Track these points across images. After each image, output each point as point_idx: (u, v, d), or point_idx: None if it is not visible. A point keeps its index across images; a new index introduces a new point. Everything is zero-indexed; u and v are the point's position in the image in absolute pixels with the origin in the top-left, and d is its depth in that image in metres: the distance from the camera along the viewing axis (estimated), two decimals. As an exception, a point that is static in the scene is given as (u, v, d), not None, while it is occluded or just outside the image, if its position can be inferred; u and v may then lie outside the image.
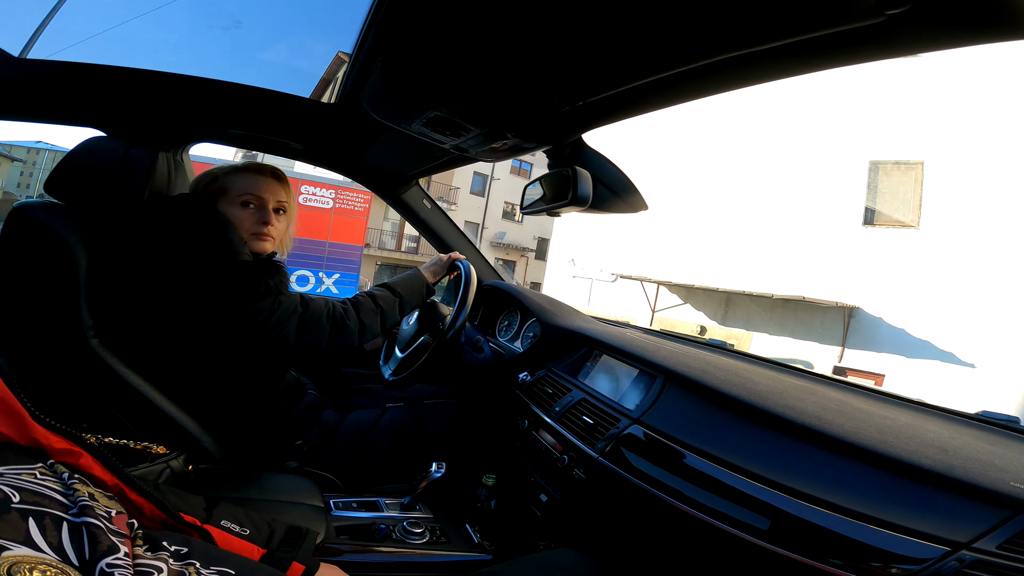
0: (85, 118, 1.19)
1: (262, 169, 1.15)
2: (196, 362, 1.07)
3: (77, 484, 0.45)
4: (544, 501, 1.09)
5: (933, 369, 6.78)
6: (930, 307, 6.79)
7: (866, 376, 7.14)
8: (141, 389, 1.00)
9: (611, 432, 0.98)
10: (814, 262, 7.78)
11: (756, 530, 0.70)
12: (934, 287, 6.77)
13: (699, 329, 8.91)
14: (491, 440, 1.38)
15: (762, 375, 1.09)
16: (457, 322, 1.24)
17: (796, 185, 8.19)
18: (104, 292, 1.00)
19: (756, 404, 0.85)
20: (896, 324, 7.12)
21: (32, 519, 0.38)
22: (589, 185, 0.89)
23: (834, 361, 7.59)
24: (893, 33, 0.47)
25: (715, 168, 9.24)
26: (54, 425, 0.48)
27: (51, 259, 0.96)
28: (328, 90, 1.16)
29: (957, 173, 6.69)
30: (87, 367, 0.97)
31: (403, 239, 19.12)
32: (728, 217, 8.85)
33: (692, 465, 0.82)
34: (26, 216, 0.98)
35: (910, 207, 7.12)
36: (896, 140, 7.18)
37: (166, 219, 1.04)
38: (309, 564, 0.63)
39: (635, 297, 10.08)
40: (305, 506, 1.05)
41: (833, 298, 7.46)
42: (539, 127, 0.93)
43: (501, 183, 20.92)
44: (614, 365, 1.20)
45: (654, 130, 9.56)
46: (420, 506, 1.15)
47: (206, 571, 0.45)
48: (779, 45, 0.53)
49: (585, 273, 11.19)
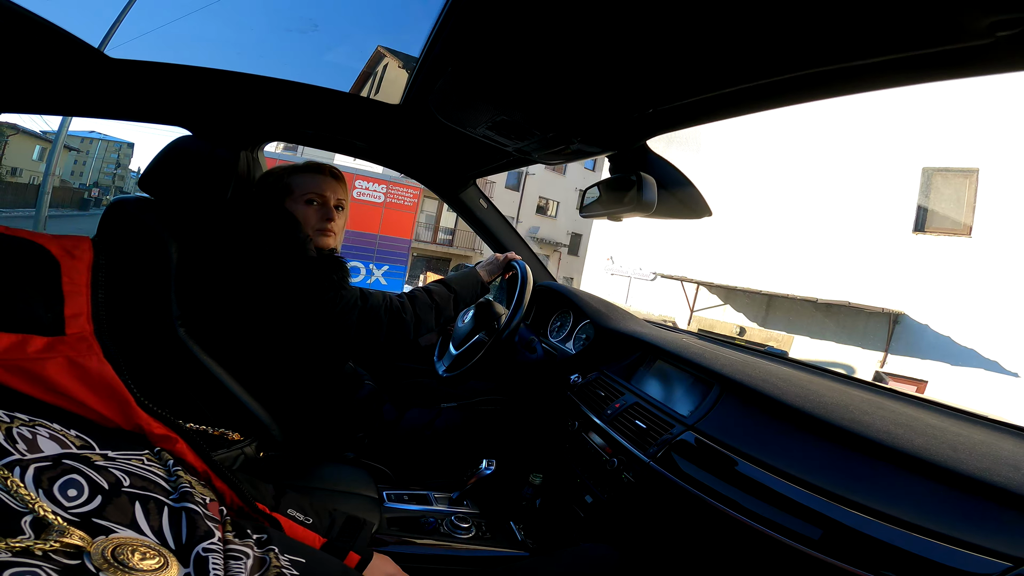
0: (174, 118, 1.27)
1: (322, 168, 1.20)
2: (267, 352, 1.13)
3: (179, 471, 0.47)
4: (589, 502, 1.09)
5: (977, 377, 6.74)
6: (977, 316, 6.73)
7: (908, 382, 7.03)
8: (221, 377, 1.06)
9: (664, 437, 0.98)
10: (861, 267, 7.69)
11: (807, 539, 0.69)
12: (983, 296, 6.70)
13: (738, 330, 8.80)
14: (540, 440, 1.39)
15: (826, 387, 1.05)
16: (513, 322, 1.26)
17: (846, 190, 8.05)
18: (190, 284, 1.07)
19: (819, 416, 0.83)
20: (942, 331, 7.07)
21: (138, 503, 0.40)
22: (654, 191, 0.89)
23: (876, 366, 7.48)
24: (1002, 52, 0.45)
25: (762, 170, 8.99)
26: (155, 411, 0.50)
27: (146, 251, 1.03)
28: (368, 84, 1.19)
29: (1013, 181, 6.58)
30: (174, 355, 1.03)
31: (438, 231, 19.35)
32: (773, 221, 8.73)
33: (745, 473, 0.81)
34: (123, 211, 1.07)
35: (962, 215, 7.05)
36: (951, 147, 7.08)
37: (243, 218, 1.11)
38: (364, 554, 0.66)
39: (673, 296, 10.03)
40: (361, 497, 1.08)
41: (878, 303, 7.42)
42: (606, 133, 0.94)
43: (536, 178, 20.87)
44: (668, 371, 1.19)
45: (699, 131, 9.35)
46: (467, 501, 1.17)
47: (283, 558, 0.46)
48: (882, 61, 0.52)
49: (623, 271, 11.10)
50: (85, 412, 0.45)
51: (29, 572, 0.30)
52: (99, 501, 0.37)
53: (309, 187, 1.17)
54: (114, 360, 0.46)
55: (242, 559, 0.42)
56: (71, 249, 0.46)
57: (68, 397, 0.43)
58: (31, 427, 0.39)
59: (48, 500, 0.35)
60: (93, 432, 0.43)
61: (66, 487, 0.37)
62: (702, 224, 9.14)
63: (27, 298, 0.42)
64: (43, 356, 0.42)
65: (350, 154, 1.61)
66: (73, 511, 0.36)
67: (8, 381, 0.41)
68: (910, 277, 7.30)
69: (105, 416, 0.46)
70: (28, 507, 0.33)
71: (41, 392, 0.42)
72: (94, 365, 0.45)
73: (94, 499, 0.37)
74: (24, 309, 0.42)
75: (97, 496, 0.38)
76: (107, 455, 0.42)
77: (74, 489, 0.37)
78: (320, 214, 1.17)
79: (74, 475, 0.38)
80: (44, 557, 0.31)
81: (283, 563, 0.46)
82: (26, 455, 0.36)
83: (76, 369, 0.43)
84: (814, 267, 8.10)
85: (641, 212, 0.93)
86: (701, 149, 9.54)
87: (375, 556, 0.68)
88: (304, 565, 0.47)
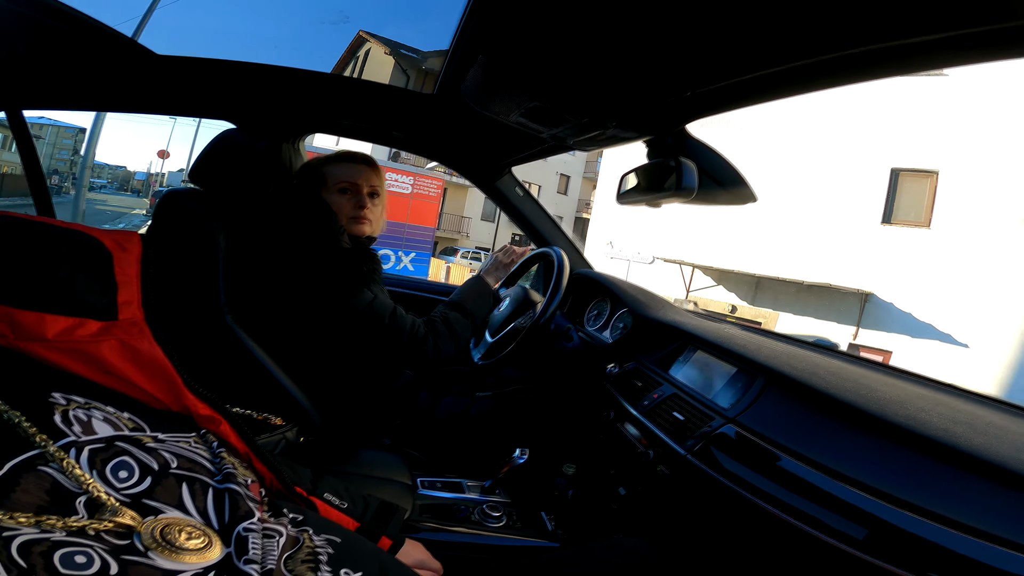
0: (219, 112, 1.32)
1: (355, 157, 1.22)
2: (307, 340, 1.16)
3: (223, 453, 0.48)
4: (622, 494, 1.08)
5: (933, 347, 8.36)
6: (934, 295, 8.37)
7: (876, 352, 8.62)
8: (265, 363, 1.09)
9: (703, 430, 0.95)
10: (837, 253, 9.14)
11: (850, 539, 0.66)
12: (939, 279, 8.32)
13: (731, 308, 10.01)
14: (574, 430, 1.38)
15: (879, 381, 1.00)
16: (549, 310, 1.25)
17: (826, 186, 9.35)
18: (237, 272, 1.11)
19: (874, 412, 0.79)
20: (904, 309, 8.66)
21: (185, 484, 0.41)
22: (695, 176, 0.85)
23: (849, 339, 9.02)
24: None
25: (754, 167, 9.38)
26: (202, 393, 0.51)
27: (196, 240, 1.08)
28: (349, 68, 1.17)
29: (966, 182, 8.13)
30: (222, 340, 1.07)
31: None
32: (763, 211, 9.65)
33: (787, 469, 0.78)
34: (175, 201, 1.12)
35: (923, 210, 8.62)
36: (916, 151, 8.58)
37: (283, 208, 1.14)
38: (396, 539, 0.67)
39: (669, 278, 11.09)
40: (395, 483, 1.10)
41: (851, 284, 8.89)
42: (643, 117, 0.90)
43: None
44: (709, 362, 1.15)
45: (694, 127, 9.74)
46: (500, 490, 1.17)
47: (317, 538, 0.47)
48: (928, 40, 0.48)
49: (623, 255, 11.86)
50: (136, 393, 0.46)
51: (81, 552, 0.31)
52: (149, 482, 0.39)
53: (342, 176, 1.19)
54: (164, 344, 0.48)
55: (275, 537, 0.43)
56: (123, 242, 0.48)
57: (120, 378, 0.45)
58: (86, 410, 0.40)
59: (101, 481, 0.36)
60: (145, 415, 0.45)
61: (118, 468, 0.38)
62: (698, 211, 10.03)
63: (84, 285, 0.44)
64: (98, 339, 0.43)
65: (388, 144, 1.62)
66: (125, 492, 0.37)
67: (64, 362, 0.42)
68: (878, 262, 8.83)
69: (155, 397, 0.48)
70: (83, 488, 0.34)
71: (95, 373, 0.44)
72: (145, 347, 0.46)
73: (144, 480, 0.39)
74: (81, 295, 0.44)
75: (147, 478, 0.39)
76: (157, 437, 0.43)
77: (125, 471, 0.38)
78: (354, 202, 1.19)
79: (125, 457, 0.39)
80: (96, 537, 0.33)
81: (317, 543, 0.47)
82: (81, 437, 0.38)
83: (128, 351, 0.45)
84: (797, 252, 9.53)
85: (681, 198, 0.89)
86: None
87: (406, 542, 0.69)
88: (339, 544, 0.48)
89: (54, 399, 0.39)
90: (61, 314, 0.42)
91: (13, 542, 0.29)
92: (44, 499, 0.33)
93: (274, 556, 0.41)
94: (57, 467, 0.35)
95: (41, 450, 0.35)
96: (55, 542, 0.31)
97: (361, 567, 0.46)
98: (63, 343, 0.42)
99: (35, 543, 0.30)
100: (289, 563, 0.42)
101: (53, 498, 0.33)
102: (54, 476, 0.34)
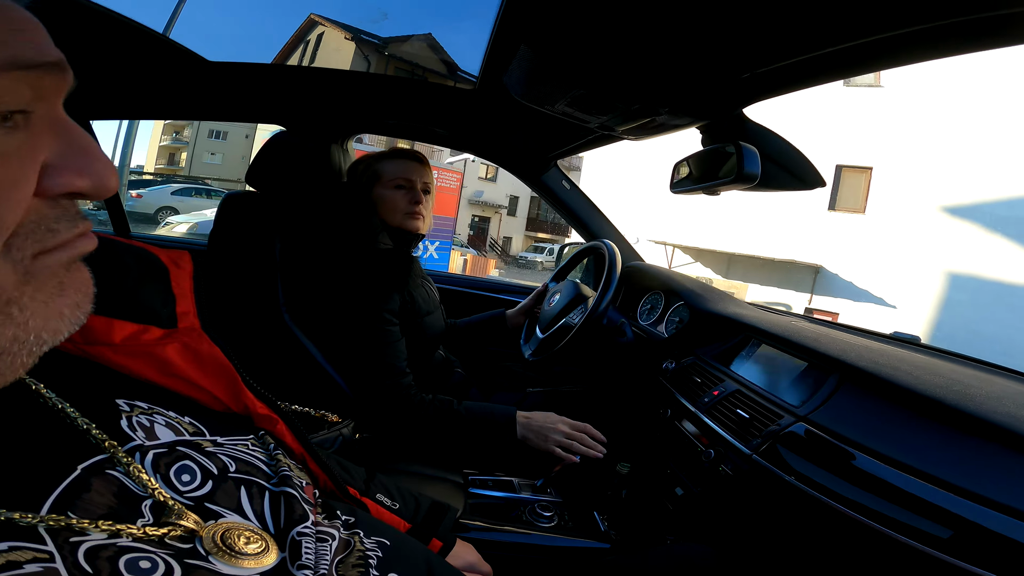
0: (269, 116, 1.36)
1: (407, 153, 1.23)
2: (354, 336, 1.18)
3: (280, 455, 0.49)
4: (679, 495, 1.03)
5: (869, 309, 10.67)
6: (869, 267, 10.73)
7: (825, 314, 10.25)
8: (322, 361, 1.12)
9: (770, 429, 0.89)
10: (794, 233, 11.44)
11: (935, 540, 0.61)
12: (872, 254, 10.65)
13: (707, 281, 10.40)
14: (628, 428, 1.34)
15: (970, 376, 0.91)
16: (601, 304, 1.21)
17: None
18: (293, 271, 1.14)
19: (969, 410, 0.71)
20: (847, 278, 11.02)
21: (243, 488, 0.41)
22: (757, 162, 0.80)
23: (805, 304, 11.22)
24: None
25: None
26: (260, 392, 0.52)
27: (255, 241, 1.12)
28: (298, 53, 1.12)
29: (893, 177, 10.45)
30: (280, 339, 1.11)
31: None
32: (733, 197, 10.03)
33: (864, 468, 0.72)
34: (236, 204, 1.16)
35: (860, 199, 10.95)
36: (855, 151, 10.81)
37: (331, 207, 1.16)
38: (447, 540, 0.66)
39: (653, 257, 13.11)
40: (447, 481, 1.09)
41: (806, 259, 11.21)
42: (697, 101, 0.85)
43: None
44: (774, 356, 1.08)
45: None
46: (551, 490, 1.14)
47: (368, 540, 0.47)
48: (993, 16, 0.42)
49: None
50: (198, 394, 0.48)
51: (146, 557, 0.31)
52: (210, 486, 0.39)
53: (397, 172, 1.21)
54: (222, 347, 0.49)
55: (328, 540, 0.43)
56: (176, 260, 0.50)
57: (184, 379, 0.46)
58: (149, 415, 0.41)
59: (165, 485, 0.37)
60: (204, 418, 0.46)
61: (180, 472, 0.39)
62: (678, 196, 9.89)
63: (148, 295, 0.46)
64: (162, 342, 0.45)
65: (432, 142, 1.63)
66: (188, 495, 0.38)
67: (131, 364, 0.44)
68: (826, 240, 11.15)
69: (217, 397, 0.49)
70: (148, 492, 0.35)
71: (159, 375, 0.45)
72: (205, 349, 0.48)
73: (205, 484, 0.39)
74: (146, 304, 0.45)
75: (208, 481, 0.39)
76: (216, 441, 0.44)
77: (187, 475, 0.39)
78: (409, 198, 1.21)
79: (187, 461, 0.40)
80: (160, 543, 0.33)
81: (367, 545, 0.46)
82: (145, 442, 0.39)
83: (190, 352, 0.46)
84: (762, 233, 11.70)
85: (742, 185, 0.84)
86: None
87: (457, 543, 0.69)
88: (389, 547, 0.48)
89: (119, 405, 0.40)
90: (128, 320, 0.44)
91: (80, 547, 0.30)
92: (113, 502, 0.33)
93: (327, 561, 0.41)
94: (123, 471, 0.35)
95: (109, 455, 0.35)
96: (121, 547, 0.31)
97: (409, 571, 0.46)
98: (130, 346, 0.43)
99: (102, 548, 0.30)
100: (340, 567, 0.42)
101: (121, 501, 0.34)
102: (121, 480, 0.35)
